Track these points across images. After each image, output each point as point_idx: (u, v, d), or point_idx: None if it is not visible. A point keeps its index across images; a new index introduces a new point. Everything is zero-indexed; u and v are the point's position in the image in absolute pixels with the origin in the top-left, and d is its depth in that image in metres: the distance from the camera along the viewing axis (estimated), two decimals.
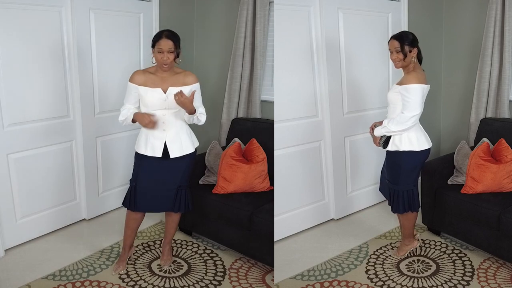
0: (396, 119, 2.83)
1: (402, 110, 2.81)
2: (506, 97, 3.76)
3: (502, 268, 3.04)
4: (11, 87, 3.10)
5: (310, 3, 3.46)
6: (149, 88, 2.76)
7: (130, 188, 2.92)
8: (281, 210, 3.46)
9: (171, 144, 2.83)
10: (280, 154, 3.43)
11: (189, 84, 2.83)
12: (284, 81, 3.40)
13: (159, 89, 2.77)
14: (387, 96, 2.97)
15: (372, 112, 3.84)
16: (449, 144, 4.34)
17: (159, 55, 2.71)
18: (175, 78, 2.81)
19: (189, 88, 2.80)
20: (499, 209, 3.02)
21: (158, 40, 2.71)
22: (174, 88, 2.77)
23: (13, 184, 3.23)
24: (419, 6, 4.08)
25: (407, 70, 2.87)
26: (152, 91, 2.76)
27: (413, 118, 2.78)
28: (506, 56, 3.69)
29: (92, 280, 2.94)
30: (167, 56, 2.70)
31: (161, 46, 2.69)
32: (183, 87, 2.79)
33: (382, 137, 2.96)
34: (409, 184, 2.99)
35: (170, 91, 2.76)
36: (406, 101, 2.77)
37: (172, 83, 2.79)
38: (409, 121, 2.78)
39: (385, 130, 2.88)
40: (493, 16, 3.69)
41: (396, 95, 2.85)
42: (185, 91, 2.75)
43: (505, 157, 3.27)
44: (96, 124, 3.69)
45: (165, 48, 2.69)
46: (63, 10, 3.34)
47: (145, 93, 2.77)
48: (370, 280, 2.99)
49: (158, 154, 2.83)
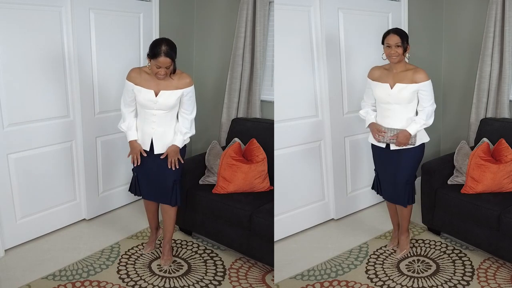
0: (426, 113, 2.92)
1: (424, 104, 2.92)
2: (506, 97, 3.76)
3: (502, 268, 3.04)
4: (11, 87, 3.10)
5: (310, 3, 3.46)
6: (142, 88, 2.85)
7: (134, 176, 3.13)
8: (281, 210, 3.46)
9: (157, 141, 2.95)
10: (280, 154, 3.43)
11: (182, 88, 2.88)
12: (284, 81, 3.40)
13: (151, 91, 2.85)
14: (395, 95, 2.94)
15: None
16: (449, 144, 4.34)
17: (155, 69, 2.75)
18: (168, 81, 2.86)
19: (181, 92, 2.87)
20: (499, 209, 3.02)
21: (156, 56, 2.70)
22: (165, 91, 2.85)
23: (13, 184, 3.23)
24: (419, 6, 4.08)
25: (399, 66, 2.94)
26: (145, 91, 2.85)
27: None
28: (506, 56, 3.69)
29: (92, 280, 2.94)
30: (165, 71, 2.76)
31: (159, 64, 2.71)
32: (175, 90, 2.86)
33: (390, 137, 2.99)
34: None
35: (161, 94, 2.85)
36: (428, 96, 2.91)
37: (165, 86, 2.85)
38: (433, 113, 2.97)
39: (421, 125, 2.93)
40: (493, 16, 3.69)
41: (413, 94, 2.91)
42: (176, 95, 2.86)
43: (505, 157, 3.27)
44: (96, 124, 3.69)
45: (163, 65, 2.72)
46: (63, 10, 3.33)
47: (138, 92, 2.87)
48: (370, 280, 2.99)
49: (146, 147, 2.98)
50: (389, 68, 3.01)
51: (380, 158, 3.16)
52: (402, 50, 2.89)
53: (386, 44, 2.92)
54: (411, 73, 2.91)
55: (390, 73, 2.99)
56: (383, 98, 2.98)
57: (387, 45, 2.92)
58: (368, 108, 3.14)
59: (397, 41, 2.87)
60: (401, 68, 2.95)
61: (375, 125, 3.05)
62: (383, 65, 3.11)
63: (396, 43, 2.87)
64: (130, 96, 2.90)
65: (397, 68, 2.96)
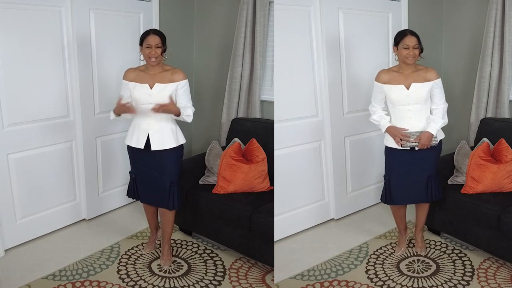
0: (441, 111, 3.00)
1: (438, 102, 2.99)
2: (506, 97, 3.76)
3: (502, 268, 3.04)
4: (11, 87, 3.10)
5: (310, 3, 3.46)
6: (137, 83, 2.91)
7: (131, 179, 3.12)
8: (281, 210, 3.46)
9: (153, 137, 2.94)
10: (280, 154, 3.43)
11: (176, 81, 2.92)
12: (284, 81, 3.40)
13: (146, 85, 2.90)
14: (413, 95, 2.94)
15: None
16: (449, 144, 4.33)
17: (147, 50, 2.85)
18: (162, 75, 2.92)
19: (175, 85, 2.91)
20: (499, 209, 3.02)
21: (146, 36, 2.86)
22: (160, 84, 2.89)
23: (13, 184, 3.23)
24: (419, 6, 4.08)
25: (410, 67, 2.96)
26: (140, 86, 2.90)
27: None
28: (506, 56, 3.69)
29: (92, 280, 2.95)
30: (155, 51, 2.84)
31: (149, 42, 2.84)
32: (169, 83, 2.90)
33: (412, 140, 3.00)
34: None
35: (156, 87, 2.89)
36: (441, 93, 2.99)
37: (159, 79, 2.91)
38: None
39: (440, 124, 2.99)
40: (493, 16, 3.69)
41: (428, 92, 2.95)
42: (170, 88, 2.89)
43: (505, 157, 3.27)
44: (96, 124, 3.69)
45: (152, 43, 2.83)
46: (63, 10, 3.34)
47: (133, 88, 2.92)
48: (370, 280, 2.99)
49: (141, 146, 2.95)
50: (398, 70, 3.00)
51: (402, 161, 3.06)
52: (419, 51, 2.90)
53: (404, 46, 2.89)
54: (423, 73, 2.94)
55: (400, 75, 2.97)
56: (401, 100, 2.96)
57: (404, 46, 2.89)
58: (381, 113, 3.09)
59: (416, 42, 2.88)
60: (412, 69, 2.96)
61: (397, 130, 2.99)
62: (390, 67, 3.12)
63: (414, 44, 2.88)
64: (127, 93, 2.95)
65: (408, 69, 2.96)
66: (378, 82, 3.03)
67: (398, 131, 2.99)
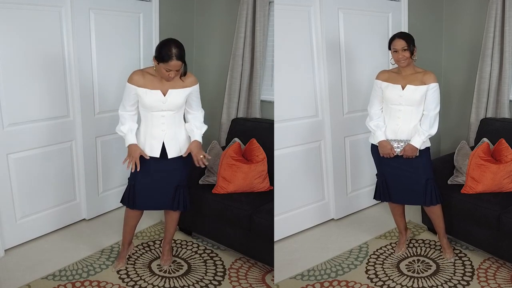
0: (429, 120, 2.92)
1: (428, 107, 2.92)
2: (506, 97, 3.76)
3: (502, 268, 3.04)
4: (11, 87, 3.10)
5: (310, 3, 3.46)
6: (148, 89, 2.73)
7: (129, 186, 2.91)
8: (281, 210, 3.46)
9: (169, 145, 2.83)
10: (280, 154, 3.43)
11: (189, 86, 2.82)
12: (284, 81, 3.40)
13: (158, 91, 2.75)
14: (407, 97, 2.94)
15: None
16: (449, 144, 4.34)
17: (164, 72, 2.65)
18: (174, 80, 2.76)
19: (189, 91, 2.82)
20: (499, 209, 3.02)
21: (167, 60, 2.60)
22: (174, 90, 2.76)
23: (13, 184, 3.23)
24: (419, 6, 4.08)
25: (408, 69, 2.96)
26: (151, 93, 2.74)
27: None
28: (506, 56, 3.69)
29: (92, 280, 2.94)
30: (175, 74, 2.68)
31: (170, 67, 2.62)
32: (182, 89, 2.79)
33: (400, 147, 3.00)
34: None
35: (170, 93, 2.76)
36: (435, 98, 2.92)
37: (171, 85, 2.76)
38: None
39: (425, 137, 2.94)
40: (493, 16, 3.69)
41: (423, 96, 2.91)
42: (184, 93, 2.80)
43: (505, 157, 3.27)
44: (96, 124, 3.69)
45: (174, 68, 2.64)
46: (63, 10, 3.33)
47: (144, 94, 2.74)
48: (370, 280, 2.99)
49: (156, 154, 2.82)
50: (398, 72, 3.01)
51: (389, 160, 3.06)
52: (409, 53, 2.89)
53: (393, 49, 2.92)
54: (421, 76, 2.93)
55: (399, 76, 2.99)
56: (395, 99, 2.97)
57: (394, 50, 2.91)
58: (377, 121, 3.06)
59: (403, 45, 2.88)
60: (411, 71, 2.96)
61: (387, 148, 2.99)
62: (391, 69, 3.13)
63: (402, 47, 2.88)
64: (132, 99, 2.78)
65: (406, 71, 2.97)
66: (377, 79, 3.08)
67: (388, 150, 3.00)
